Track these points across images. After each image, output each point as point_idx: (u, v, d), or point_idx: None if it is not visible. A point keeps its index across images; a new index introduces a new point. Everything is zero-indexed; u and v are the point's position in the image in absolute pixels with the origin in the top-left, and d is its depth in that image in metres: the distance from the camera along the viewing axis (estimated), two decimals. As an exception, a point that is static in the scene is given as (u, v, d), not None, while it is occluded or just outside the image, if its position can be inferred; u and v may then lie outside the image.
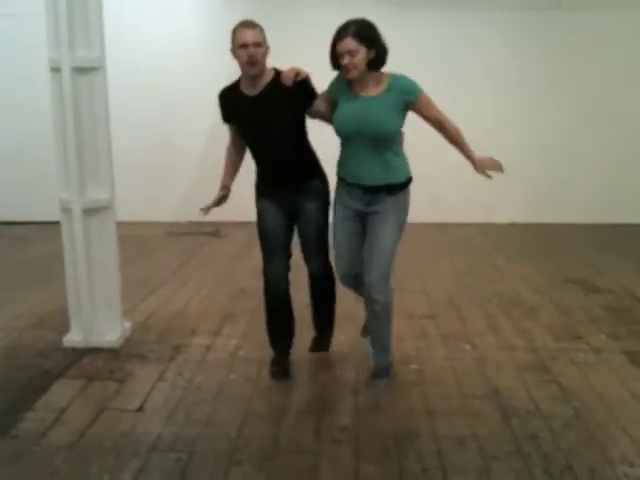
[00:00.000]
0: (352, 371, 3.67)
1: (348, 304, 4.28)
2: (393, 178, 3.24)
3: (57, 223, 3.95)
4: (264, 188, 3.50)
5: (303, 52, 3.27)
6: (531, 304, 4.83)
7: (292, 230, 3.53)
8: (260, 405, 3.28)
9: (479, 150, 3.29)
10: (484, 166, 3.24)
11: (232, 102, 3.37)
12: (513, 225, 7.87)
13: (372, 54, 3.04)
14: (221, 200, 3.57)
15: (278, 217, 3.45)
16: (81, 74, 3.66)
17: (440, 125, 3.24)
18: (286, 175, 3.40)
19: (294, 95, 3.21)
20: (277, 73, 3.25)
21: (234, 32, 3.18)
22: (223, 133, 3.64)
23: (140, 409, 3.21)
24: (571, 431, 3.02)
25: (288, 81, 3.17)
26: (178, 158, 7.73)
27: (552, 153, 7.81)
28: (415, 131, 3.63)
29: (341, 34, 3.01)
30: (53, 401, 3.28)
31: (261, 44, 3.15)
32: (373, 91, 3.13)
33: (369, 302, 3.38)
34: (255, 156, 3.47)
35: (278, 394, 3.40)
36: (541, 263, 6.07)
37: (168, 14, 7.52)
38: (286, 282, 3.53)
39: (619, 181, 7.83)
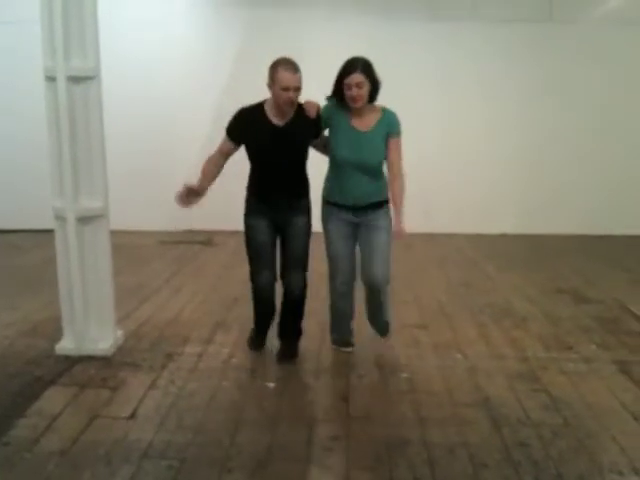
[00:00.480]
0: (344, 380, 3.68)
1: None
2: (380, 196, 3.72)
3: (51, 231, 3.96)
4: (258, 204, 3.71)
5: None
6: (522, 314, 4.87)
7: (276, 246, 3.82)
8: (252, 413, 3.28)
9: (472, 161, 3.34)
10: (399, 233, 3.63)
11: (256, 126, 3.53)
12: (504, 236, 7.92)
13: (371, 87, 3.49)
14: (199, 193, 3.63)
15: (268, 232, 3.72)
16: (76, 83, 3.69)
17: (395, 172, 3.65)
18: (285, 193, 3.67)
19: (310, 127, 3.60)
20: (298, 105, 3.53)
21: (276, 70, 3.38)
22: (217, 141, 3.66)
23: (132, 416, 3.21)
24: (561, 440, 3.04)
25: (313, 113, 3.56)
26: (171, 167, 7.73)
27: (543, 165, 7.88)
28: (408, 144, 3.73)
29: (350, 69, 3.44)
30: (45, 408, 3.28)
31: (299, 88, 3.42)
32: (368, 121, 3.60)
33: (373, 295, 3.82)
34: (260, 174, 3.68)
35: (270, 402, 3.41)
36: (532, 273, 6.11)
37: (161, 21, 7.58)
38: (273, 291, 3.85)
39: (610, 193, 7.90)
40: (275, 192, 3.66)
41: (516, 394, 3.51)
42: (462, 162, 7.76)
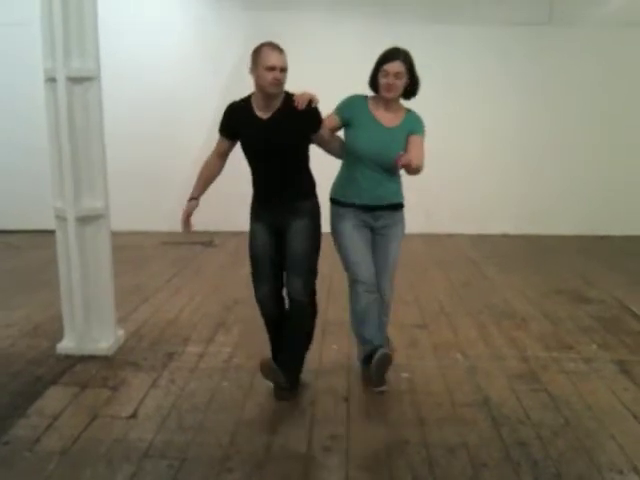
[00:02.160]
0: (344, 380, 3.68)
1: (340, 313, 4.32)
2: (398, 197, 3.59)
3: (50, 232, 3.97)
4: (260, 210, 3.46)
5: (295, 64, 3.41)
6: (522, 314, 4.87)
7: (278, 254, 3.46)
8: (252, 412, 3.29)
9: (472, 162, 3.33)
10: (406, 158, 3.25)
11: (243, 120, 3.33)
12: (504, 236, 7.92)
13: (407, 82, 3.40)
14: (192, 212, 3.49)
15: (267, 241, 3.42)
16: (76, 84, 3.71)
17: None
18: (282, 194, 3.40)
19: (303, 120, 3.30)
20: (287, 95, 3.30)
21: (259, 52, 3.19)
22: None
23: (133, 416, 3.22)
24: (561, 439, 3.05)
25: (302, 106, 3.25)
26: (173, 168, 7.76)
27: (543, 166, 7.89)
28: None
29: (392, 57, 3.35)
30: (46, 408, 3.29)
31: (286, 69, 3.21)
32: (394, 118, 3.45)
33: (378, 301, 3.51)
34: (256, 175, 3.44)
35: (270, 402, 3.41)
36: (532, 274, 6.12)
37: (162, 24, 7.59)
38: (274, 303, 3.50)
39: (610, 194, 7.91)
40: (271, 193, 3.40)
41: (516, 394, 3.51)
42: (462, 163, 7.78)
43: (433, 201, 7.78)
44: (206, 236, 7.42)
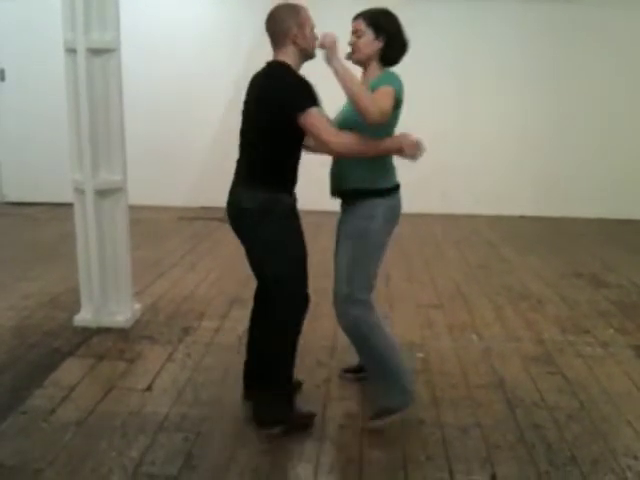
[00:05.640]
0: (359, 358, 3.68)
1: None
2: (363, 182, 2.83)
3: (67, 205, 3.98)
4: (294, 205, 2.91)
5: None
6: (539, 297, 4.84)
7: None
8: (267, 388, 3.30)
9: (490, 143, 3.28)
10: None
11: None
12: (522, 218, 7.86)
13: (381, 43, 2.79)
14: None
15: None
16: (96, 55, 3.69)
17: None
18: None
19: None
20: None
21: (300, 13, 2.76)
22: (234, 120, 3.62)
23: (148, 389, 3.24)
24: (575, 423, 3.03)
25: None
26: (190, 144, 7.76)
27: (562, 146, 7.79)
28: (425, 125, 3.69)
29: (355, 16, 2.85)
30: (62, 379, 3.32)
31: None
32: (365, 84, 2.78)
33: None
34: (295, 164, 2.87)
35: (285, 378, 3.42)
36: (550, 256, 6.07)
37: (183, 1, 7.54)
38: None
39: (630, 176, 7.81)
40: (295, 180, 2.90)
41: (531, 376, 3.50)
42: (480, 143, 7.70)
43: (450, 182, 7.72)
44: (222, 212, 7.42)
